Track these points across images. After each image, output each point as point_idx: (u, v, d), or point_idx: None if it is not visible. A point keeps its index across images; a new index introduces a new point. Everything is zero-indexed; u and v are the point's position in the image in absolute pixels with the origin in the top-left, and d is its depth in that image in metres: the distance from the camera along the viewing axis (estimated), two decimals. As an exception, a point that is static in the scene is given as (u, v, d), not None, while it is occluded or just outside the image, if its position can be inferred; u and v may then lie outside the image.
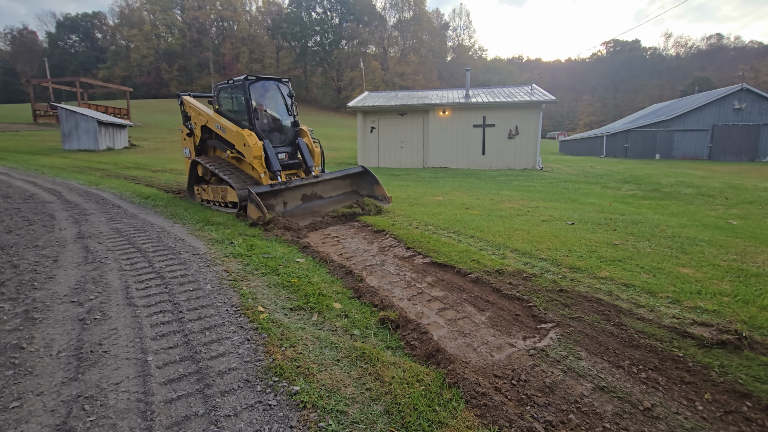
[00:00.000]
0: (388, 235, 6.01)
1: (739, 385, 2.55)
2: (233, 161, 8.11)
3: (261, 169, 7.35)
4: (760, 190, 11.65)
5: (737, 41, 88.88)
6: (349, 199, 7.95)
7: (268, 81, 7.99)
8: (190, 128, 8.84)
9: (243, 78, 7.54)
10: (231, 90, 7.99)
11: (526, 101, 17.08)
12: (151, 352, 2.82)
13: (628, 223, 6.95)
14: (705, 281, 4.21)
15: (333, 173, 7.93)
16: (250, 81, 7.55)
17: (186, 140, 9.20)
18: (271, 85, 8.10)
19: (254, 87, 7.67)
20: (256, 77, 7.69)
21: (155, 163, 17.73)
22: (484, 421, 2.19)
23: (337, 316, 3.40)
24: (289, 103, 8.18)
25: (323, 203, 7.78)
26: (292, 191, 7.40)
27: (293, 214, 7.11)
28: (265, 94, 8.09)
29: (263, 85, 7.94)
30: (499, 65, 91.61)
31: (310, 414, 2.23)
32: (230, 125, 7.73)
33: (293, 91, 8.24)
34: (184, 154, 9.49)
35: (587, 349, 2.98)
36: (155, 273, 4.30)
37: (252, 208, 6.50)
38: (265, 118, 8.01)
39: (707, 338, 3.04)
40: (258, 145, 7.25)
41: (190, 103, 8.93)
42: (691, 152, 28.03)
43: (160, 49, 77.07)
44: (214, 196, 7.98)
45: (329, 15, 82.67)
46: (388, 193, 8.18)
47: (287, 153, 8.00)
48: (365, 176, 8.23)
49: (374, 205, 7.50)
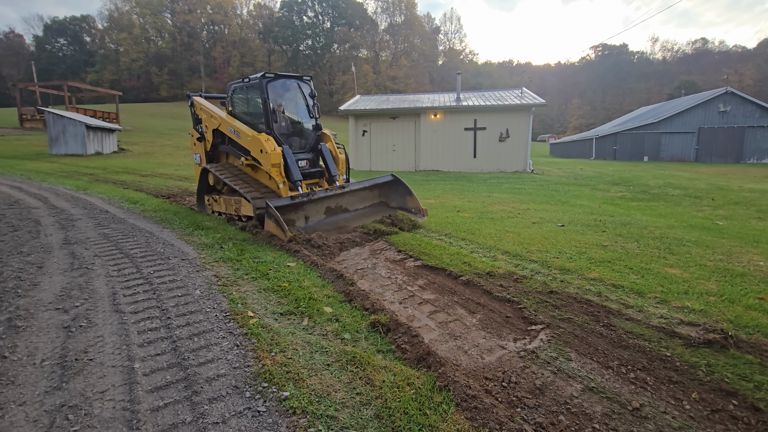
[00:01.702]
0: (379, 239, 6.01)
1: (725, 384, 2.58)
2: (248, 169, 7.30)
3: (279, 178, 6.49)
4: (745, 191, 11.87)
5: (721, 45, 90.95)
6: (378, 212, 7.05)
7: (288, 79, 7.14)
8: (200, 132, 8.08)
9: (260, 76, 6.68)
10: (246, 90, 7.20)
11: (516, 104, 17.24)
12: (138, 359, 2.78)
13: (617, 224, 7.03)
14: (692, 281, 4.27)
15: (360, 183, 7.04)
16: (268, 79, 6.70)
17: (196, 145, 8.40)
18: (292, 84, 7.23)
19: (273, 86, 6.81)
20: (275, 75, 6.85)
21: (145, 168, 17.55)
22: (474, 424, 2.18)
23: (328, 320, 3.38)
24: (311, 104, 7.22)
25: (349, 217, 6.87)
26: (315, 204, 6.50)
27: (316, 229, 6.09)
28: (285, 94, 7.23)
29: (283, 84, 7.09)
30: (490, 69, 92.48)
31: (299, 420, 2.21)
32: (245, 129, 6.95)
33: (315, 91, 7.30)
34: (194, 161, 8.70)
35: (577, 350, 3.00)
36: (143, 279, 4.24)
37: (270, 224, 5.76)
38: (284, 121, 7.17)
39: (694, 338, 3.07)
40: (277, 152, 6.40)
41: (201, 105, 8.13)
42: (678, 154, 28.49)
43: (150, 52, 76.47)
44: (227, 208, 7.27)
45: (321, 19, 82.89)
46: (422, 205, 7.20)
47: (308, 160, 7.11)
48: (396, 186, 7.34)
49: (408, 219, 6.63)
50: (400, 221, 6.56)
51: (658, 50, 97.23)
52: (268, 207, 5.72)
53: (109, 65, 75.23)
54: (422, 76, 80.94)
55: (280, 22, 79.99)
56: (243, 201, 6.69)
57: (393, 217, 6.61)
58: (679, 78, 69.04)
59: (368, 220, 6.63)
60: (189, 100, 8.34)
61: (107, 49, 78.19)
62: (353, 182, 7.13)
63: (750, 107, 27.18)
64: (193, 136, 8.38)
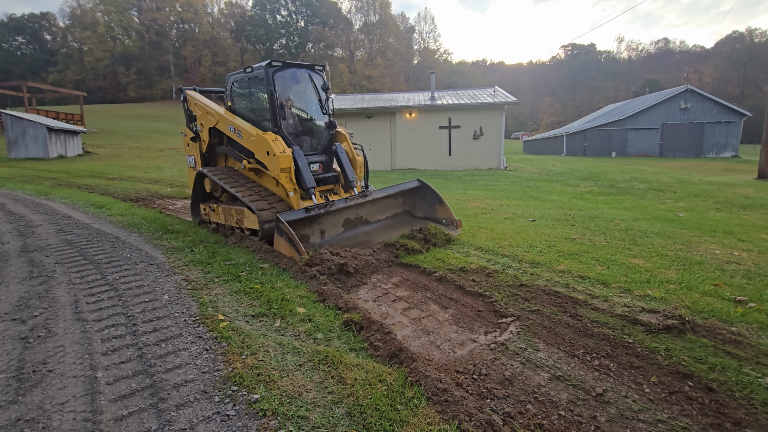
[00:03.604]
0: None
1: (682, 367, 2.71)
2: (251, 174, 6.32)
3: (290, 185, 5.55)
4: (704, 184, 12.48)
5: (682, 45, 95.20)
6: (402, 223, 6.15)
7: (298, 68, 6.21)
8: (195, 131, 7.09)
9: (265, 65, 5.74)
10: (249, 81, 6.18)
11: (489, 103, 17.54)
12: (101, 368, 2.68)
13: (586, 218, 7.26)
14: (654, 270, 4.46)
15: (383, 190, 6.06)
16: (274, 68, 5.78)
17: (190, 146, 7.37)
18: (302, 74, 6.27)
19: (280, 77, 5.86)
20: (283, 63, 5.91)
21: (112, 171, 16.92)
22: (444, 416, 2.21)
23: (301, 321, 3.35)
24: (324, 98, 6.30)
25: (371, 230, 5.93)
26: (332, 216, 5.53)
27: (332, 245, 5.14)
28: (294, 86, 6.28)
29: (292, 75, 6.14)
30: (464, 68, 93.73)
31: (270, 422, 2.19)
32: (248, 127, 5.97)
33: (329, 83, 6.32)
34: (188, 164, 7.62)
35: (545, 341, 3.08)
36: (108, 285, 4.10)
37: (281, 242, 4.82)
38: (292, 118, 6.21)
39: (654, 324, 3.21)
40: (287, 155, 5.46)
41: (196, 100, 7.07)
42: (643, 150, 29.66)
43: (117, 51, 73.69)
44: (227, 219, 6.27)
45: (294, 17, 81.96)
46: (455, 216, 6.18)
47: (321, 163, 6.20)
48: (423, 192, 6.36)
49: (441, 233, 5.70)
50: (433, 236, 5.56)
51: (624, 50, 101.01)
52: (279, 222, 4.74)
53: (72, 65, 72.08)
54: (398, 76, 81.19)
55: (252, 21, 78.62)
56: (246, 211, 5.72)
57: (425, 231, 5.59)
58: (644, 76, 71.91)
59: (394, 233, 5.62)
60: (181, 95, 7.37)
61: (70, 48, 74.87)
62: (374, 190, 6.08)
63: (708, 104, 28.56)
64: (186, 135, 7.39)
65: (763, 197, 9.85)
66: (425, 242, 5.43)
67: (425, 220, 6.23)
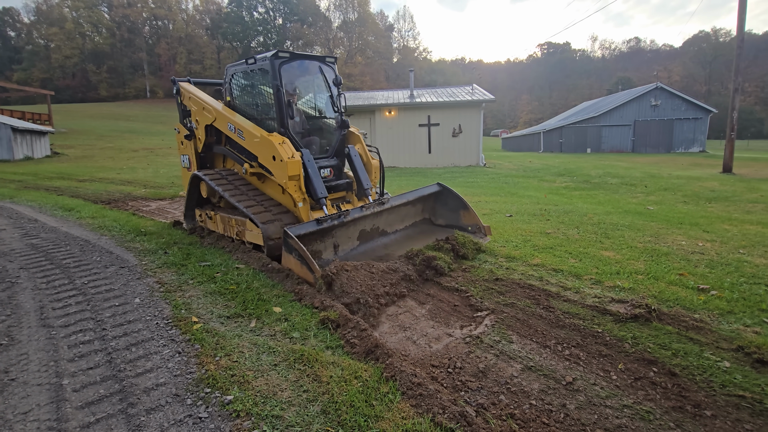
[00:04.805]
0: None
1: (647, 354, 2.81)
2: (253, 179, 5.65)
3: (298, 195, 4.91)
4: (673, 178, 12.94)
5: (652, 44, 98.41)
6: (424, 233, 5.51)
7: (308, 60, 5.53)
8: (189, 128, 6.36)
9: (271, 55, 5.05)
10: (251, 74, 5.47)
11: (467, 101, 17.72)
12: (67, 375, 2.60)
13: (560, 212, 7.43)
14: (623, 262, 4.60)
15: (401, 197, 5.34)
16: (281, 60, 5.07)
17: (184, 144, 6.64)
18: (312, 67, 5.57)
19: (287, 69, 5.16)
20: (290, 54, 5.22)
21: (82, 173, 16.34)
22: (418, 410, 2.24)
23: (277, 320, 3.33)
24: (335, 95, 5.63)
25: (389, 242, 5.27)
26: (346, 227, 4.82)
27: (347, 261, 4.29)
28: (302, 80, 5.67)
29: (300, 67, 5.46)
30: (444, 66, 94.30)
31: (243, 422, 2.17)
32: (250, 127, 5.29)
33: (341, 77, 5.66)
34: (182, 164, 6.89)
35: (518, 333, 3.15)
36: (76, 290, 3.97)
37: (290, 260, 4.11)
38: (299, 115, 5.55)
39: (622, 314, 3.32)
40: (296, 161, 4.81)
41: (191, 94, 6.34)
42: (617, 146, 30.52)
43: (86, 49, 71.05)
44: (225, 229, 5.63)
45: (272, 15, 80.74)
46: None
47: (332, 168, 5.57)
48: (444, 197, 5.73)
49: (471, 242, 5.03)
50: (462, 246, 4.88)
51: (597, 48, 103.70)
52: (288, 237, 4.03)
53: (38, 62, 69.12)
54: (378, 74, 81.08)
55: (229, 18, 76.98)
56: (248, 223, 5.07)
57: (453, 241, 4.88)
58: (617, 74, 73.93)
59: (417, 244, 4.89)
60: (174, 87, 6.67)
61: (36, 44, 71.78)
62: (390, 197, 5.43)
63: (677, 101, 29.60)
64: (180, 132, 6.66)
65: (726, 190, 10.29)
66: (454, 254, 4.74)
67: (451, 227, 5.60)
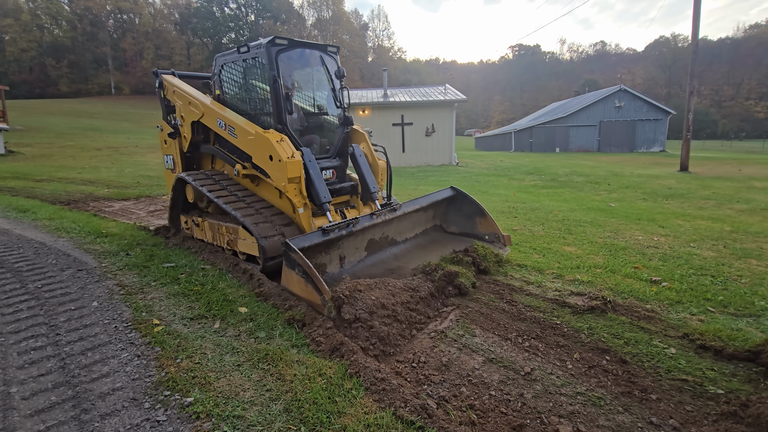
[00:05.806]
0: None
1: (601, 343, 2.95)
2: (245, 181, 5.09)
3: (299, 200, 4.38)
4: (635, 177, 13.53)
5: (617, 48, 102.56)
6: (435, 242, 5.07)
7: (308, 49, 4.91)
8: (173, 125, 5.69)
9: (267, 42, 4.46)
10: (244, 64, 4.85)
11: (440, 100, 17.94)
12: (15, 383, 2.49)
13: (528, 210, 7.65)
14: (584, 257, 4.79)
15: (413, 203, 4.81)
16: (278, 47, 4.50)
17: (168, 143, 5.95)
18: (312, 56, 4.99)
19: (285, 58, 4.61)
20: (289, 41, 4.59)
21: (39, 172, 15.52)
22: (381, 405, 2.27)
23: (242, 321, 3.29)
24: (338, 87, 5.09)
25: (399, 252, 4.76)
26: (354, 237, 4.24)
27: (356, 275, 3.95)
28: (301, 71, 5.10)
29: (300, 56, 4.88)
30: (418, 66, 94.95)
31: (203, 424, 2.14)
32: (243, 123, 4.70)
33: (343, 69, 5.09)
34: (166, 165, 6.19)
35: (481, 327, 3.23)
36: (29, 294, 3.79)
37: (292, 277, 3.48)
38: (297, 111, 4.98)
39: (580, 306, 3.47)
40: (296, 161, 4.25)
41: (175, 87, 5.65)
42: (584, 145, 31.60)
43: (45, 42, 67.41)
44: (215, 237, 5.04)
45: (244, 11, 79.01)
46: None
47: (334, 169, 5.08)
48: (458, 203, 5.29)
49: (492, 254, 4.55)
50: (483, 258, 4.39)
51: (566, 51, 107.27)
52: (290, 250, 3.40)
53: (-9, 55, 65.12)
54: (353, 73, 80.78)
55: (198, 13, 74.82)
56: (241, 231, 4.49)
57: (473, 253, 4.39)
58: (584, 76, 76.49)
59: (431, 255, 4.51)
60: (157, 80, 5.93)
61: (-13, 36, 67.59)
62: (396, 201, 5.10)
63: (639, 103, 30.94)
64: (163, 130, 5.95)
65: (682, 187, 10.86)
66: (474, 267, 4.26)
67: (462, 237, 5.21)
